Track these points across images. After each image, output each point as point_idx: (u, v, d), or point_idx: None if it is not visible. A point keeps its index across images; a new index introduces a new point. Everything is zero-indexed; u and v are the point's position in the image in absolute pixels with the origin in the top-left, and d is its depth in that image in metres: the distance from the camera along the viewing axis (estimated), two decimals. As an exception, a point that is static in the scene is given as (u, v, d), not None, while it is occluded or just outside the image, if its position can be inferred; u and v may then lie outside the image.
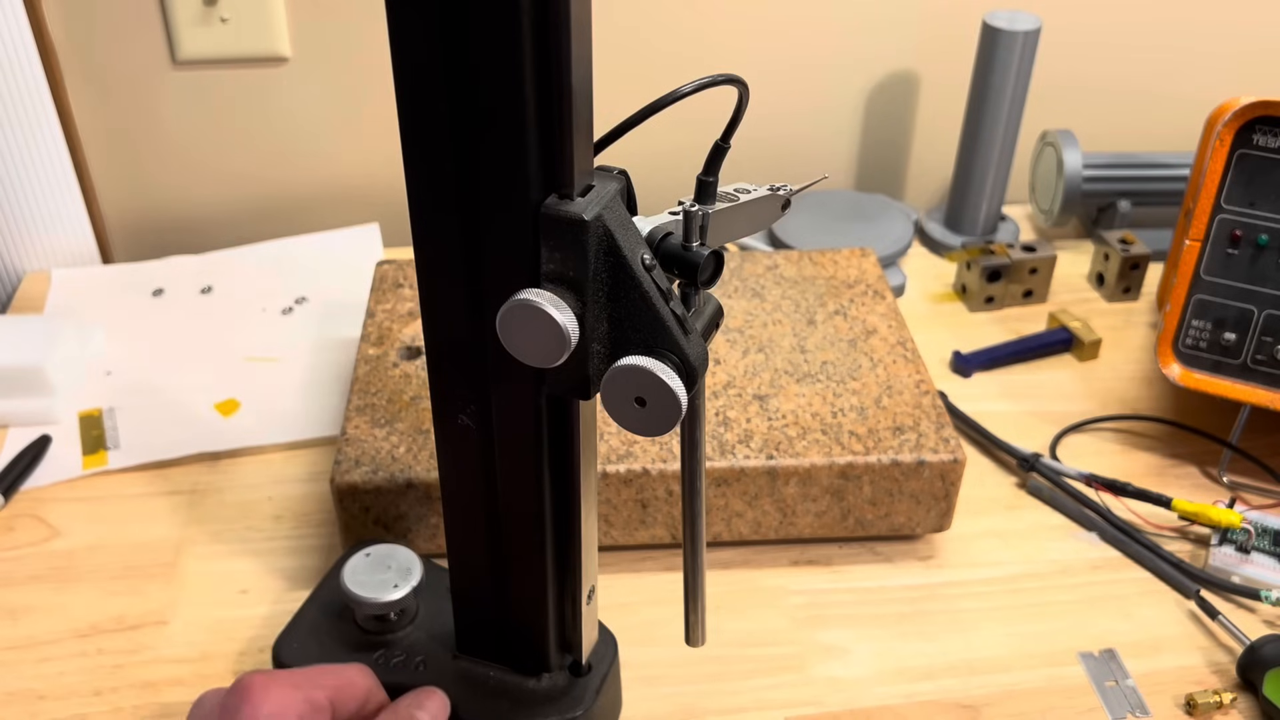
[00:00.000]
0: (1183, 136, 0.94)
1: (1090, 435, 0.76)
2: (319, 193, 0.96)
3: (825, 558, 0.66)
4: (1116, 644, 0.61)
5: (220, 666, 0.58)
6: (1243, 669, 0.58)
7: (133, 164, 0.92)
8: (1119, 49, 1.00)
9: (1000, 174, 0.93)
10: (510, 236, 0.38)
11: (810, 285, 0.76)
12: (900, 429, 0.64)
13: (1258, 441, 0.74)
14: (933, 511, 0.64)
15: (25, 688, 0.57)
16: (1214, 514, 0.65)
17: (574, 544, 0.47)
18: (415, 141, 0.38)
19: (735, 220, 0.43)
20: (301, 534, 0.66)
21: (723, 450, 0.62)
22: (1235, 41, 1.01)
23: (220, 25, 0.87)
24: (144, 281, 0.87)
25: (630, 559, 0.65)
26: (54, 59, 0.85)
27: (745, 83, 0.39)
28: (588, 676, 0.52)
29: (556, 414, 0.43)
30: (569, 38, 0.35)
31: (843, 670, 0.59)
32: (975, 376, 0.81)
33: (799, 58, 0.97)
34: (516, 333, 0.38)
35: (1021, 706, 0.58)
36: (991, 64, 0.88)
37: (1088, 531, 0.68)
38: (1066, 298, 0.90)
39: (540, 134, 0.36)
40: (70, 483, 0.69)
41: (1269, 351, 0.69)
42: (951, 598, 0.64)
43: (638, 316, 0.38)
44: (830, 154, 1.02)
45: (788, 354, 0.70)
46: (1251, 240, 0.70)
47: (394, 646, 0.53)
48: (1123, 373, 0.82)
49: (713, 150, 0.41)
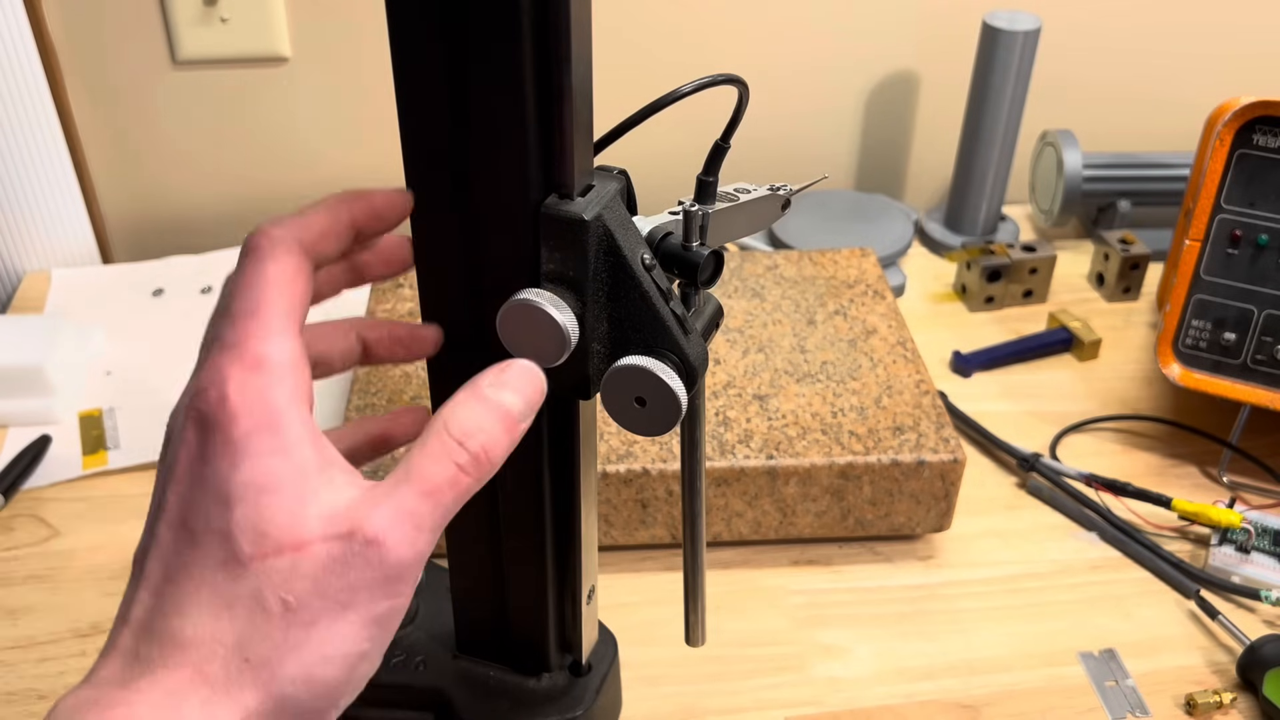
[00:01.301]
0: (1183, 136, 0.94)
1: (1090, 435, 0.76)
2: (319, 193, 0.95)
3: (825, 558, 0.66)
4: (1116, 644, 0.61)
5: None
6: (1243, 669, 0.58)
7: (133, 164, 0.92)
8: (1119, 49, 1.00)
9: (1000, 174, 0.93)
10: (510, 236, 0.38)
11: (810, 285, 0.76)
12: (900, 429, 0.64)
13: (1258, 441, 0.73)
14: (933, 511, 0.64)
15: (25, 688, 0.57)
16: (1214, 514, 0.65)
17: (574, 544, 0.47)
18: (415, 142, 0.38)
19: (735, 220, 0.43)
20: (301, 534, 0.66)
21: (723, 450, 0.62)
22: (1235, 42, 1.01)
23: (220, 25, 0.87)
24: (144, 281, 0.87)
25: (630, 559, 0.65)
26: (54, 59, 0.85)
27: (745, 83, 0.39)
28: (588, 676, 0.52)
29: (556, 414, 0.43)
30: (569, 38, 0.35)
31: (843, 670, 0.59)
32: (975, 376, 0.81)
33: (799, 57, 0.97)
34: (516, 333, 0.38)
35: (1021, 706, 0.58)
36: (991, 64, 0.88)
37: (1088, 531, 0.68)
38: (1066, 298, 0.90)
39: (540, 134, 0.36)
40: (70, 483, 0.69)
41: (1269, 351, 0.69)
42: (951, 598, 0.64)
43: (638, 316, 0.38)
44: (830, 154, 1.02)
45: (788, 354, 0.70)
46: (1251, 240, 0.70)
47: (394, 646, 0.53)
48: (1123, 373, 0.82)
49: (713, 150, 0.41)
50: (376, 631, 0.32)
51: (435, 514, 0.33)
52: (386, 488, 0.33)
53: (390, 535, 0.32)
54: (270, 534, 0.31)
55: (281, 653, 0.31)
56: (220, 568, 0.31)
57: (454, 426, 0.34)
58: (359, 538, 0.31)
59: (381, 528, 0.32)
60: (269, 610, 0.31)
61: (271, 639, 0.31)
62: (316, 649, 0.31)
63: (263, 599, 0.31)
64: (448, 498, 0.33)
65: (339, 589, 0.31)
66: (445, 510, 0.33)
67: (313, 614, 0.31)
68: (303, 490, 0.32)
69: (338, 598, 0.31)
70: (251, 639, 0.31)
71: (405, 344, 0.42)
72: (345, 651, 0.32)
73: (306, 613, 0.31)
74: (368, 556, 0.31)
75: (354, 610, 0.31)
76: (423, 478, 0.33)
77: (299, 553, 0.31)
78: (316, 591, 0.31)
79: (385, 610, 0.32)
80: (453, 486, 0.33)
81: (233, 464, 0.32)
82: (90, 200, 0.90)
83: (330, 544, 0.31)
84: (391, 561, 0.32)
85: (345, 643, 0.31)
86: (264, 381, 0.32)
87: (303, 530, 0.31)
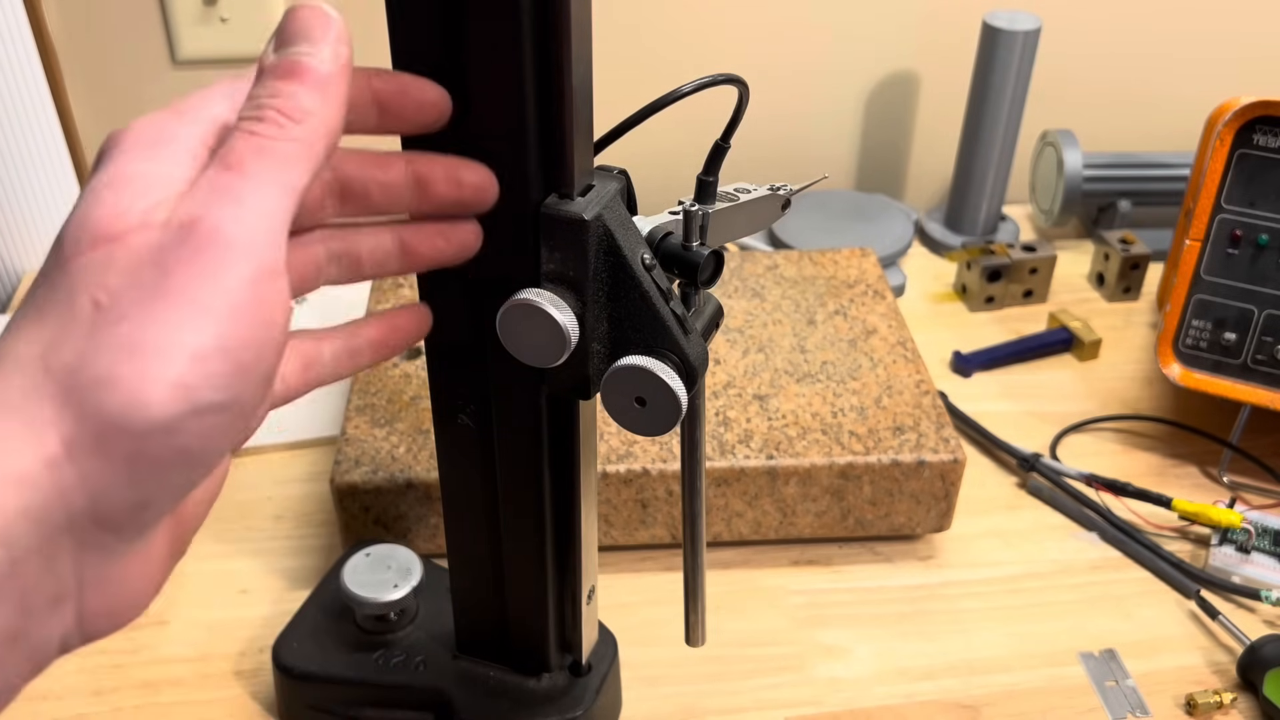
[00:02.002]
0: (1183, 136, 0.94)
1: (1090, 435, 0.76)
2: (319, 193, 0.96)
3: (825, 558, 0.66)
4: (1117, 644, 0.61)
5: (220, 666, 0.58)
6: (1243, 669, 0.58)
7: (133, 164, 0.92)
8: (1119, 49, 1.00)
9: (1000, 174, 0.93)
10: (510, 236, 0.38)
11: (810, 285, 0.76)
12: (900, 429, 0.64)
13: (1258, 441, 0.73)
14: (933, 511, 0.64)
15: (25, 688, 0.57)
16: (1214, 514, 0.65)
17: (574, 544, 0.47)
18: (415, 142, 0.38)
19: (735, 220, 0.43)
20: (301, 534, 0.66)
21: (723, 450, 0.62)
22: (1235, 42, 1.01)
23: (220, 25, 0.87)
24: (144, 281, 0.87)
25: (630, 559, 0.65)
26: (54, 59, 0.85)
27: (745, 82, 0.39)
28: (588, 676, 0.52)
29: (556, 414, 0.43)
30: (569, 38, 0.35)
31: (843, 670, 0.59)
32: (975, 376, 0.81)
33: (799, 57, 0.97)
34: (516, 333, 0.38)
35: (1021, 706, 0.58)
36: (991, 64, 0.88)
37: (1088, 531, 0.68)
38: (1066, 298, 0.90)
39: (540, 134, 0.36)
40: (70, 483, 0.69)
41: (1269, 351, 0.69)
42: (951, 598, 0.64)
43: (638, 316, 0.38)
44: (830, 154, 1.02)
45: (788, 354, 0.70)
46: (1252, 240, 0.69)
47: (394, 646, 0.53)
48: (1123, 373, 0.82)
49: (713, 150, 0.41)
50: (211, 325, 0.27)
51: (248, 185, 0.28)
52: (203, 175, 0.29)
53: (208, 213, 0.28)
54: (89, 228, 0.28)
55: (85, 357, 0.26)
56: (46, 276, 0.28)
57: (247, 101, 0.30)
58: (174, 222, 0.28)
59: (194, 207, 0.28)
60: (77, 311, 0.27)
61: (74, 342, 0.27)
62: (124, 344, 0.26)
63: (74, 300, 0.27)
64: (258, 165, 0.29)
65: (155, 277, 0.27)
66: (265, 179, 0.29)
67: (123, 309, 0.27)
68: (146, 186, 0.28)
69: (154, 287, 0.27)
70: (54, 345, 0.27)
71: (445, 234, 0.38)
72: (163, 344, 0.26)
73: (116, 309, 0.27)
74: (183, 238, 0.27)
75: (172, 298, 0.27)
76: (225, 152, 0.29)
77: (114, 244, 0.28)
78: (132, 283, 0.27)
79: (215, 298, 0.27)
80: (259, 154, 0.29)
81: (101, 169, 0.29)
82: (90, 200, 0.90)
83: (148, 232, 0.28)
84: (211, 238, 0.27)
85: (163, 333, 0.26)
86: (170, 118, 0.31)
87: (122, 221, 0.28)
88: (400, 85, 0.35)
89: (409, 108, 0.36)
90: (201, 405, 0.27)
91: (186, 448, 0.27)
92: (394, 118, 0.36)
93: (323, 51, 0.30)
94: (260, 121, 0.29)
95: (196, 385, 0.27)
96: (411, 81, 0.36)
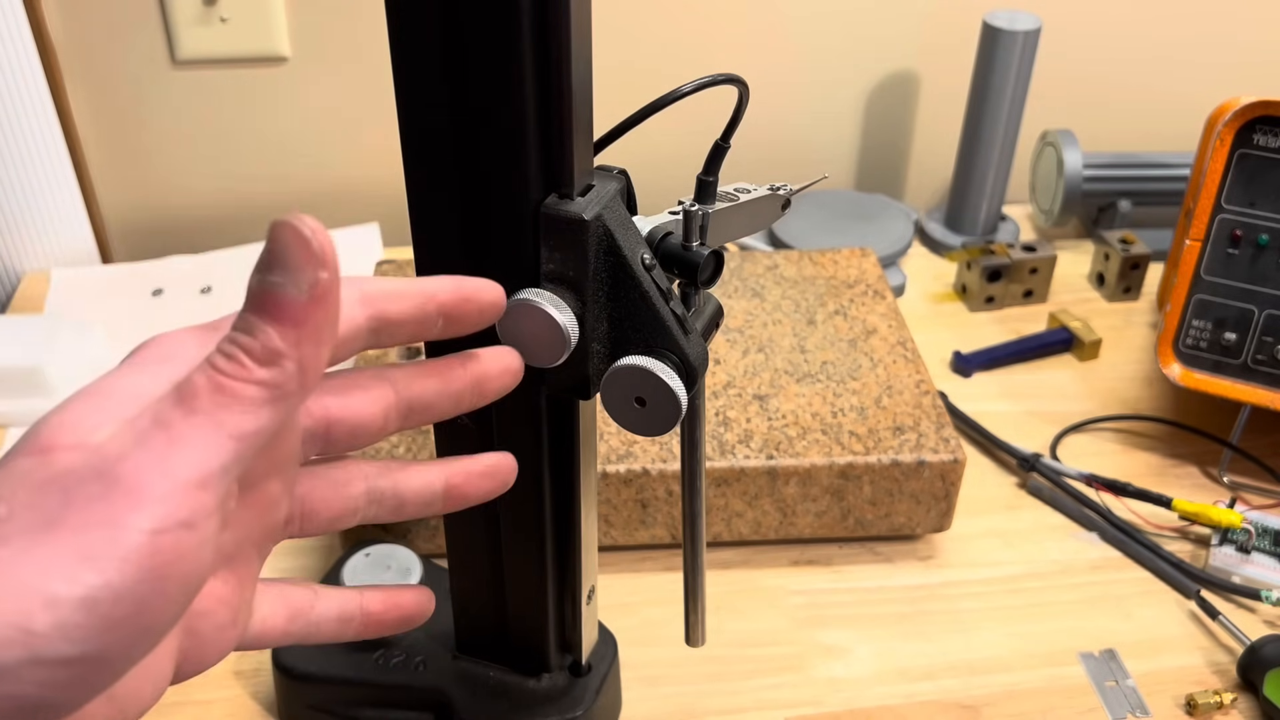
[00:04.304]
0: (1183, 136, 0.94)
1: (1090, 435, 0.76)
2: (319, 193, 0.96)
3: (825, 558, 0.66)
4: (1117, 644, 0.61)
5: (220, 667, 0.58)
6: (1243, 669, 0.58)
7: (133, 164, 0.92)
8: (1119, 49, 1.00)
9: (1000, 174, 0.93)
10: (510, 236, 0.38)
11: (810, 285, 0.76)
12: (900, 429, 0.64)
13: (1258, 441, 0.73)
14: (933, 511, 0.64)
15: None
16: (1214, 514, 0.65)
17: (574, 544, 0.47)
18: (415, 141, 0.38)
19: (735, 220, 0.43)
20: (301, 534, 0.66)
21: (723, 450, 0.62)
22: (1235, 41, 1.01)
23: (220, 25, 0.87)
24: (144, 281, 0.87)
25: (630, 559, 0.65)
26: (54, 59, 0.85)
27: (745, 82, 0.39)
28: (588, 676, 0.52)
29: (556, 414, 0.43)
30: (569, 38, 0.35)
31: (843, 670, 0.59)
32: (975, 376, 0.81)
33: (799, 57, 0.97)
34: (516, 333, 0.38)
35: (1021, 706, 0.58)
36: (991, 64, 0.88)
37: (1088, 531, 0.68)
38: (1067, 298, 0.90)
39: (540, 134, 0.36)
40: (70, 483, 0.69)
41: (1269, 351, 0.69)
42: (951, 598, 0.64)
43: (638, 316, 0.38)
44: (830, 154, 1.02)
45: (788, 354, 0.70)
46: (1252, 240, 0.69)
47: (394, 646, 0.53)
48: (1123, 373, 0.82)
49: (713, 150, 0.41)
50: (86, 574, 0.25)
51: (188, 427, 0.27)
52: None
53: (133, 452, 0.26)
54: (42, 432, 0.27)
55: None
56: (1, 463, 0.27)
57: (231, 329, 0.28)
58: (100, 451, 0.26)
59: (125, 442, 0.26)
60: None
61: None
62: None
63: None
64: (210, 405, 0.27)
65: (55, 506, 0.25)
66: (210, 424, 0.27)
67: (10, 530, 0.25)
68: (120, 402, 0.27)
69: (49, 518, 0.25)
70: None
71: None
72: (21, 584, 0.24)
73: (6, 527, 0.25)
74: (99, 472, 0.26)
75: (57, 534, 0.25)
76: (183, 384, 0.27)
77: (44, 455, 0.26)
78: (32, 505, 0.26)
79: (103, 545, 0.25)
80: (215, 393, 0.27)
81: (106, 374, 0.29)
82: (90, 200, 0.90)
83: (76, 454, 0.26)
84: (120, 480, 0.26)
85: (29, 572, 0.25)
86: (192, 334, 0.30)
87: (64, 435, 0.27)
88: (462, 294, 0.35)
89: (471, 314, 0.35)
90: (44, 656, 0.24)
91: (21, 695, 0.25)
92: (457, 324, 0.35)
93: (299, 281, 0.27)
94: (227, 359, 0.27)
95: (44, 634, 0.24)
96: (472, 288, 0.35)
